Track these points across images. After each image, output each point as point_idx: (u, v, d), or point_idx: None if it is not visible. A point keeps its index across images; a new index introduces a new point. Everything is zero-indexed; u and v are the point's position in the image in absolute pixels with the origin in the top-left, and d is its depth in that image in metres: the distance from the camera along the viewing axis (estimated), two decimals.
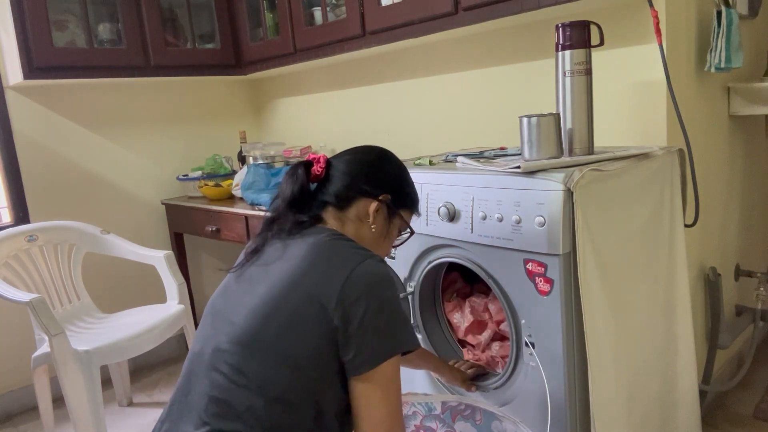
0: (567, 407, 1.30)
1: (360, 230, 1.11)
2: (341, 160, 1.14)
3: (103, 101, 2.62)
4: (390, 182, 1.15)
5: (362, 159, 1.15)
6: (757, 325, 1.98)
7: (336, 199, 1.11)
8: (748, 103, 1.91)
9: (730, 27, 1.62)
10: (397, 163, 1.18)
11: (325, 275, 0.96)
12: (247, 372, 0.92)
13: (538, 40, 1.84)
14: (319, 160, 1.13)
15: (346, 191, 1.11)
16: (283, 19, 2.35)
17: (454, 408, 1.28)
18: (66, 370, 1.81)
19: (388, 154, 1.19)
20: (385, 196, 1.12)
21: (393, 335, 0.95)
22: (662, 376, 1.53)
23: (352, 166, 1.13)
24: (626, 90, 1.66)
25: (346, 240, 1.05)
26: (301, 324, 0.93)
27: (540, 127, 1.35)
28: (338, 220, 1.11)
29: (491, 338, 1.59)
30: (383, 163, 1.16)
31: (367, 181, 1.12)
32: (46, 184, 2.48)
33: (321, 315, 0.93)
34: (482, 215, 1.36)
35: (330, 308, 0.93)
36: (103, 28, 2.42)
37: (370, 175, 1.13)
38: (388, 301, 0.95)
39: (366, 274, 0.95)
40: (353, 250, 1.01)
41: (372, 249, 1.10)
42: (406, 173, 1.19)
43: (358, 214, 1.11)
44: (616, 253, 1.33)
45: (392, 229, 1.16)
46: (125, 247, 2.27)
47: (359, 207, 1.11)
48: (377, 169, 1.14)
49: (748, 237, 2.17)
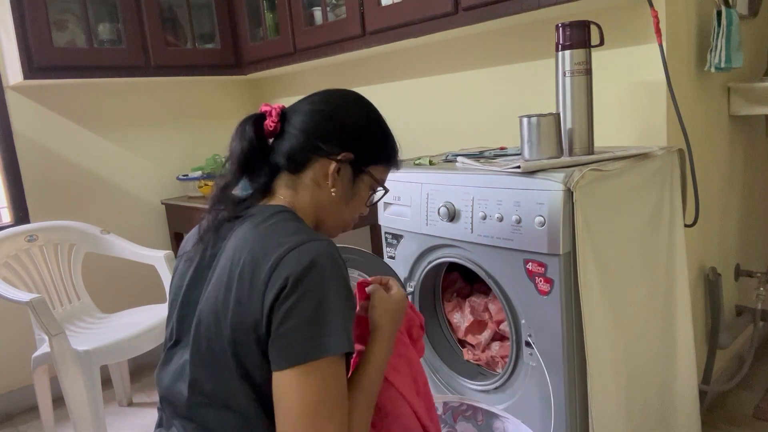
0: (566, 407, 1.30)
1: (318, 196, 0.96)
2: (299, 112, 0.97)
3: (103, 101, 2.62)
4: (353, 137, 0.97)
5: (319, 110, 0.96)
6: (757, 325, 1.98)
7: (288, 162, 0.95)
8: (748, 103, 1.91)
9: (730, 27, 1.62)
10: (364, 111, 1.00)
11: (253, 271, 0.82)
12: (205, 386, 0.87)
13: (538, 40, 1.84)
14: (272, 112, 0.96)
15: (301, 152, 0.95)
16: (283, 19, 2.35)
17: (456, 408, 1.28)
18: (66, 370, 1.81)
19: (352, 99, 1.01)
20: (346, 154, 0.95)
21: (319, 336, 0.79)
22: (662, 376, 1.53)
23: (307, 120, 0.95)
24: (626, 90, 1.66)
25: (286, 222, 0.89)
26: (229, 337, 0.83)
27: (540, 127, 1.36)
28: (291, 187, 0.96)
29: (491, 338, 1.60)
30: (344, 113, 0.98)
31: (323, 137, 0.94)
32: (46, 184, 2.48)
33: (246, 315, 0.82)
34: (482, 215, 1.36)
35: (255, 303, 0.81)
36: (103, 28, 2.41)
37: (327, 130, 0.95)
38: (322, 292, 0.79)
39: (297, 261, 0.80)
40: (287, 237, 0.84)
41: (333, 217, 0.99)
42: (376, 122, 1.01)
43: (314, 177, 0.95)
44: (616, 253, 1.33)
45: (359, 190, 1.00)
46: (125, 247, 2.27)
47: (316, 169, 0.95)
48: (337, 122, 0.96)
49: (748, 237, 2.17)
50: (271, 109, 0.97)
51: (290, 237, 0.84)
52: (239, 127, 0.97)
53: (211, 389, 0.87)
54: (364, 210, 1.05)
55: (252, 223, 0.90)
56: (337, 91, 1.01)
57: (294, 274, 0.79)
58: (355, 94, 1.02)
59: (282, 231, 0.86)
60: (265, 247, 0.83)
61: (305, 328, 0.78)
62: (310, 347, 0.78)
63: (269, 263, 0.81)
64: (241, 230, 0.90)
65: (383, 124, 1.02)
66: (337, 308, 0.80)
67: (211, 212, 0.96)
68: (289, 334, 0.78)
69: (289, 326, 0.78)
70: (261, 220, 0.89)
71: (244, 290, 0.82)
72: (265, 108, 0.97)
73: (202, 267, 0.93)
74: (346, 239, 2.43)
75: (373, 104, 1.03)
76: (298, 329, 0.78)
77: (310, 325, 0.78)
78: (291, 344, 0.78)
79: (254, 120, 0.96)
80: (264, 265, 0.81)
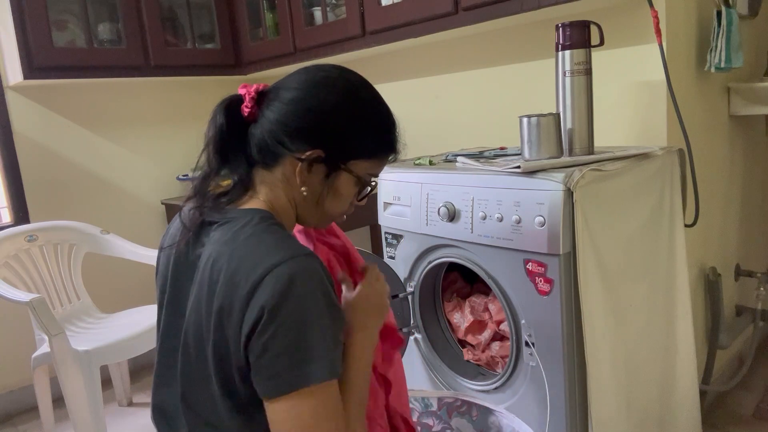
0: (566, 407, 1.30)
1: (291, 194, 0.87)
2: (275, 98, 0.84)
3: (103, 101, 2.62)
4: (325, 130, 0.83)
5: (293, 98, 0.83)
6: (757, 325, 1.98)
7: (260, 155, 0.85)
8: (748, 103, 1.91)
9: (730, 27, 1.62)
10: (341, 96, 0.85)
11: (232, 295, 0.76)
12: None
13: (538, 40, 1.84)
14: (246, 96, 0.84)
15: (270, 146, 0.83)
16: (283, 19, 2.35)
17: (451, 404, 1.28)
18: (66, 370, 1.81)
19: (328, 83, 0.85)
20: (314, 152, 0.82)
21: (304, 363, 0.73)
22: (662, 376, 1.53)
23: (279, 109, 0.83)
24: (626, 90, 1.66)
25: (263, 234, 0.79)
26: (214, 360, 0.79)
27: (540, 127, 1.35)
28: (267, 184, 0.86)
29: (491, 338, 1.59)
30: (316, 101, 0.83)
31: (289, 132, 0.82)
32: (46, 184, 2.48)
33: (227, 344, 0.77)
34: (482, 215, 1.36)
35: (234, 335, 0.76)
36: (103, 28, 2.41)
37: (294, 123, 0.82)
38: (301, 318, 0.73)
39: (272, 288, 0.73)
40: (263, 256, 0.75)
41: (312, 216, 0.89)
42: (358, 109, 0.86)
43: (285, 174, 0.85)
44: (616, 253, 1.33)
45: (341, 187, 0.87)
46: (125, 247, 2.27)
47: (285, 166, 0.84)
48: (306, 114, 0.82)
49: (748, 237, 2.17)
50: (246, 91, 0.85)
51: (266, 256, 0.75)
52: (214, 110, 0.86)
53: (198, 404, 0.85)
54: (354, 205, 0.94)
55: (229, 232, 0.81)
56: (319, 70, 0.86)
57: (269, 304, 0.72)
58: (337, 73, 0.86)
59: (258, 247, 0.77)
60: (241, 267, 0.76)
61: (288, 357, 0.73)
62: (295, 377, 0.73)
63: (245, 291, 0.74)
64: (218, 238, 0.82)
65: (369, 111, 0.88)
66: (319, 331, 0.74)
67: (193, 206, 0.88)
68: (272, 365, 0.74)
69: (270, 357, 0.73)
70: (238, 228, 0.81)
71: (224, 314, 0.77)
72: (242, 89, 0.86)
73: (183, 271, 0.88)
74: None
75: (366, 88, 0.89)
76: (280, 360, 0.73)
77: (293, 353, 0.73)
78: (275, 375, 0.74)
79: (228, 104, 0.86)
80: (240, 292, 0.75)
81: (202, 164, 0.87)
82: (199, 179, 0.88)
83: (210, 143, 0.86)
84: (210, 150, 0.86)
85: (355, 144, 0.86)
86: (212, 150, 0.86)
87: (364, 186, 0.91)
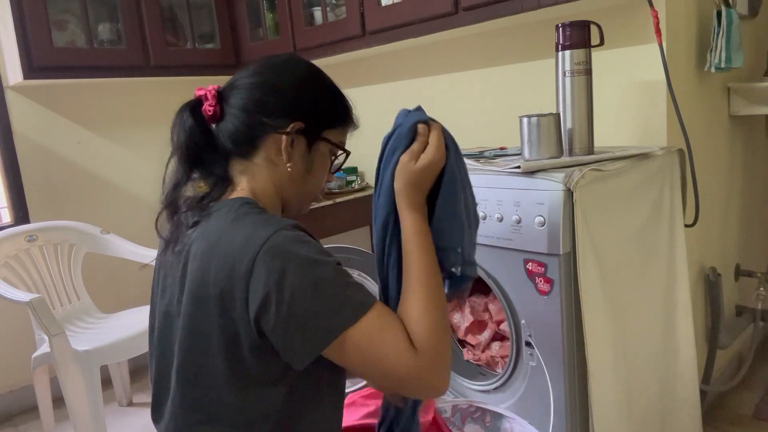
0: (567, 407, 1.30)
1: (275, 176, 0.89)
2: (236, 89, 0.89)
3: (103, 101, 2.62)
4: (299, 104, 0.89)
5: (257, 83, 0.88)
6: (757, 325, 1.98)
7: (236, 146, 0.88)
8: (748, 103, 1.91)
9: (730, 27, 1.62)
10: (303, 72, 0.92)
11: (226, 279, 0.77)
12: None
13: (538, 40, 1.84)
14: (207, 95, 0.88)
15: (246, 132, 0.88)
16: (283, 19, 2.35)
17: (464, 410, 1.28)
18: (66, 370, 1.81)
19: (288, 62, 0.92)
20: (295, 124, 0.87)
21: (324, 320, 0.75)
22: (662, 376, 1.53)
23: (246, 96, 0.88)
24: (626, 90, 1.66)
25: (246, 216, 0.82)
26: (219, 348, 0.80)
27: (540, 127, 1.35)
28: (246, 173, 0.89)
29: (491, 338, 1.59)
30: (283, 79, 0.90)
31: (266, 112, 0.87)
32: (46, 184, 2.48)
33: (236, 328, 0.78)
34: (482, 215, 1.36)
35: (242, 320, 0.77)
36: (103, 28, 2.41)
37: (269, 102, 0.87)
38: (308, 280, 0.75)
39: (267, 269, 0.74)
40: (248, 239, 0.77)
41: (297, 193, 0.92)
42: (320, 83, 0.92)
43: (267, 156, 0.88)
44: (616, 253, 1.33)
45: (318, 159, 0.92)
46: (125, 247, 2.27)
47: (267, 147, 0.88)
48: (278, 92, 0.88)
49: (748, 237, 2.17)
50: (205, 92, 0.89)
51: (253, 236, 0.77)
52: (176, 117, 0.89)
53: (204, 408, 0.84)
54: (330, 178, 0.99)
55: (213, 223, 0.83)
56: (271, 58, 0.92)
57: (272, 281, 0.74)
58: (290, 55, 0.94)
59: (244, 228, 0.79)
60: (232, 251, 0.77)
61: (312, 321, 0.75)
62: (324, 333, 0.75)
63: (242, 272, 0.75)
64: (203, 231, 0.83)
65: (328, 82, 0.93)
66: (329, 284, 0.76)
67: (168, 215, 0.89)
68: (299, 335, 0.75)
69: (294, 329, 0.75)
70: (221, 217, 0.83)
71: (226, 299, 0.77)
72: (200, 92, 0.89)
73: (171, 274, 0.88)
74: (347, 239, 2.43)
75: (312, 63, 0.95)
76: (307, 326, 0.75)
77: (314, 316, 0.75)
78: (307, 340, 0.75)
79: (191, 107, 0.89)
80: (237, 275, 0.76)
81: (171, 173, 0.89)
82: (169, 189, 0.89)
83: (180, 148, 0.88)
84: (181, 155, 0.88)
85: (326, 113, 0.92)
86: (184, 155, 0.88)
87: (336, 155, 0.96)
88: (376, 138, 0.92)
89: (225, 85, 0.92)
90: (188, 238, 0.85)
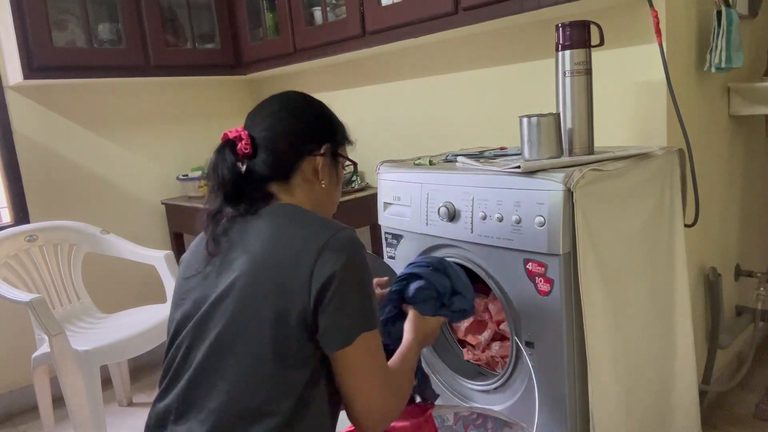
0: (567, 407, 1.30)
1: (312, 193, 1.04)
2: (262, 128, 1.03)
3: (103, 101, 2.62)
4: (322, 128, 1.06)
5: (284, 117, 1.04)
6: (757, 325, 1.98)
7: (275, 172, 1.01)
8: (748, 103, 1.91)
9: (730, 27, 1.62)
10: (316, 102, 1.09)
11: (292, 258, 0.90)
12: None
13: (538, 40, 1.84)
14: (242, 137, 1.01)
15: (285, 159, 1.02)
16: (283, 19, 2.35)
17: (467, 418, 1.28)
18: (66, 370, 1.81)
19: (304, 99, 1.08)
20: (326, 145, 1.05)
21: (362, 313, 0.92)
22: (662, 376, 1.53)
23: (278, 132, 1.02)
24: (626, 90, 1.66)
25: (305, 213, 0.98)
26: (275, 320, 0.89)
27: (540, 127, 1.36)
28: (286, 191, 1.02)
29: (491, 338, 1.59)
30: (304, 110, 1.06)
31: (299, 139, 1.03)
32: (46, 184, 2.48)
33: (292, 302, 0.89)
34: (482, 215, 1.36)
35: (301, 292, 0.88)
36: (103, 28, 2.42)
37: (300, 131, 1.03)
38: (361, 280, 0.92)
39: (336, 258, 0.89)
40: (316, 229, 0.93)
41: (328, 205, 1.08)
42: (325, 107, 1.10)
43: (304, 177, 1.03)
44: (616, 253, 1.33)
45: (339, 173, 1.10)
46: (125, 247, 2.27)
47: (304, 169, 1.03)
48: (303, 121, 1.04)
49: (748, 237, 2.17)
50: (239, 133, 1.01)
51: (319, 232, 0.91)
52: (217, 156, 1.00)
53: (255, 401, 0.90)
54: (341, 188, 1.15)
55: (267, 219, 0.96)
56: (283, 95, 1.08)
57: (336, 271, 0.88)
58: (296, 92, 1.09)
59: (310, 225, 0.94)
60: (294, 244, 0.91)
61: (358, 310, 0.90)
62: (360, 325, 0.91)
63: (308, 263, 0.88)
64: (257, 225, 0.95)
65: (327, 107, 1.10)
66: (370, 292, 0.94)
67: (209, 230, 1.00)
68: (346, 320, 0.90)
69: (345, 314, 0.89)
70: (276, 215, 0.96)
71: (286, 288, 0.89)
72: (233, 134, 1.01)
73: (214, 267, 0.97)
74: None
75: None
76: (353, 314, 0.90)
77: (359, 307, 0.91)
78: (349, 326, 0.90)
79: (231, 146, 1.00)
80: (303, 266, 0.88)
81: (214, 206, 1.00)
82: (208, 218, 1.01)
83: (225, 185, 0.99)
84: (227, 192, 0.99)
85: (338, 133, 1.09)
86: (230, 190, 0.99)
87: (345, 167, 1.13)
88: (375, 139, 0.94)
89: (247, 125, 1.05)
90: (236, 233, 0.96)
